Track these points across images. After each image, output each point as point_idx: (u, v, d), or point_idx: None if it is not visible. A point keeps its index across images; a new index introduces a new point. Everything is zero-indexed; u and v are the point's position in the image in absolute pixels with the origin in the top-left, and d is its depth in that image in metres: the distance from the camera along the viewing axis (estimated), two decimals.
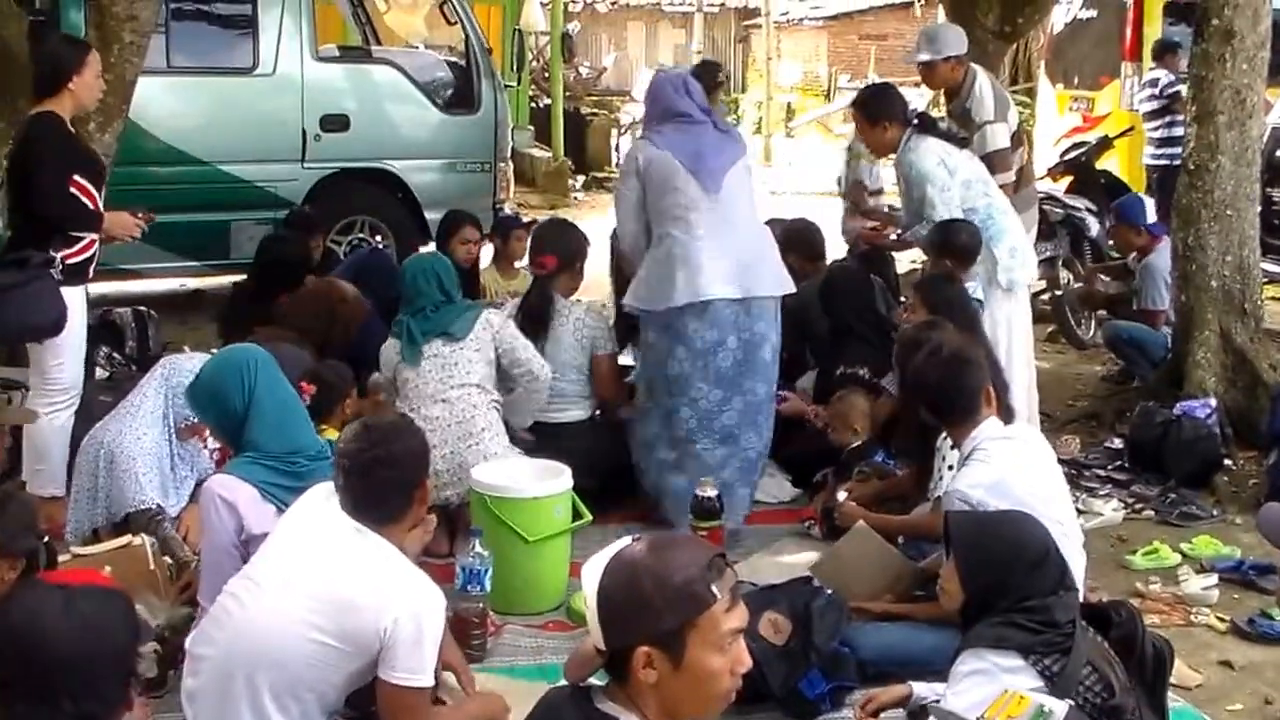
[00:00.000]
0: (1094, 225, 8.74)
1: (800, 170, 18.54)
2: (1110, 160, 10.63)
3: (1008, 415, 4.13)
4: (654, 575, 2.09)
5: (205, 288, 9.25)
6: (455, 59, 10.01)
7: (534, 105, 17.57)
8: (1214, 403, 5.96)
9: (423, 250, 8.41)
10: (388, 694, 2.94)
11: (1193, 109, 6.30)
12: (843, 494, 4.80)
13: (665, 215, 4.94)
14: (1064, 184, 9.58)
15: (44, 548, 3.32)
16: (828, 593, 3.91)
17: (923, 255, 6.26)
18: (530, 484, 4.46)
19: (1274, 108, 8.75)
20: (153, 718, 3.29)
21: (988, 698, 3.02)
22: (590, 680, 2.22)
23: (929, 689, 3.38)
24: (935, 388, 3.95)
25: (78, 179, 4.82)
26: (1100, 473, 5.87)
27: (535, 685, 3.25)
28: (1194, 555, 5.01)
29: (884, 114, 5.64)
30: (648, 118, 5.24)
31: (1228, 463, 5.80)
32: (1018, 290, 5.55)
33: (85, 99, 4.95)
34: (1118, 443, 6.15)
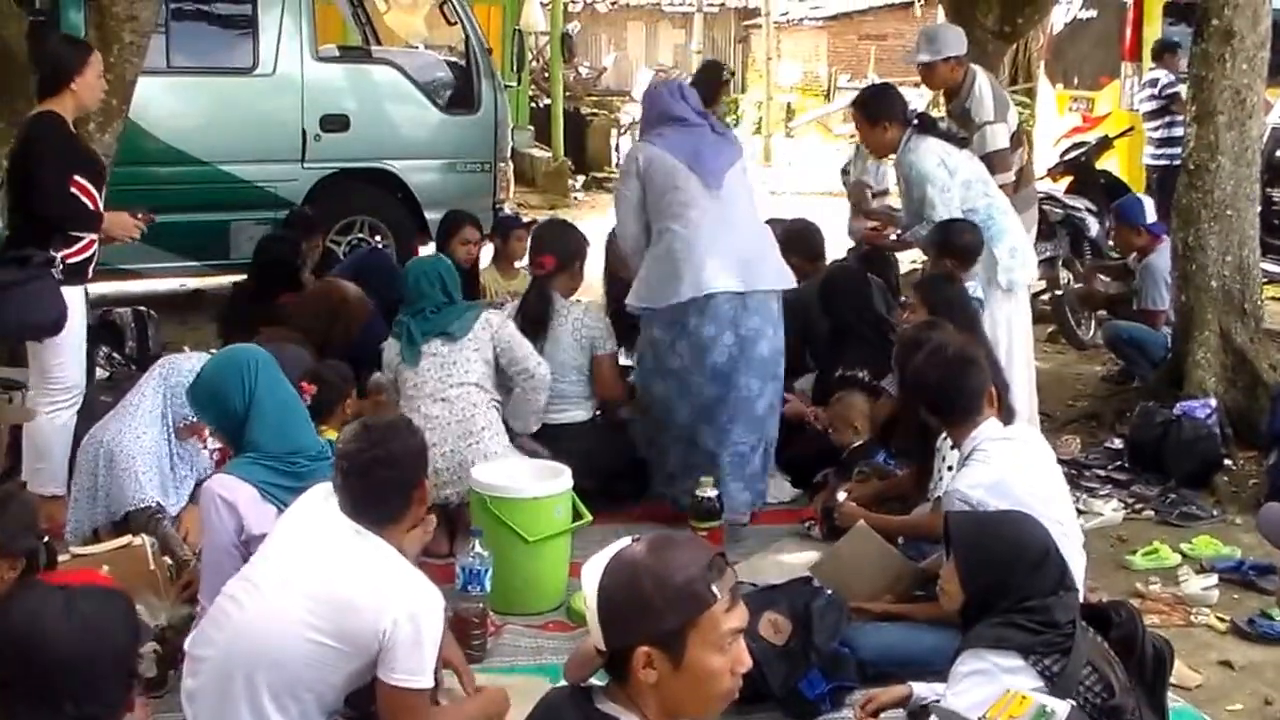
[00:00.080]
0: (1094, 225, 8.74)
1: (800, 170, 18.55)
2: (1110, 160, 10.62)
3: (1008, 415, 4.13)
4: (654, 575, 2.09)
5: (205, 288, 9.25)
6: (455, 59, 10.01)
7: (534, 105, 17.57)
8: (1214, 403, 5.95)
9: (422, 250, 8.44)
10: (387, 695, 2.94)
11: (1193, 109, 6.30)
12: (843, 494, 4.80)
13: (666, 212, 4.96)
14: (1064, 184, 9.57)
15: (44, 548, 3.32)
16: (828, 593, 3.91)
17: (923, 255, 6.26)
18: (530, 484, 4.46)
19: (1274, 108, 8.75)
20: (153, 718, 3.30)
21: (988, 698, 3.02)
22: (590, 680, 2.22)
23: (929, 689, 3.38)
24: (938, 387, 3.95)
25: (78, 179, 4.82)
26: (1100, 473, 5.87)
27: (535, 686, 3.25)
28: (1194, 555, 5.01)
29: (884, 114, 5.64)
30: (645, 123, 5.29)
31: (1228, 463, 5.80)
32: (1018, 290, 5.55)
33: (87, 99, 4.96)
34: (1118, 443, 6.15)
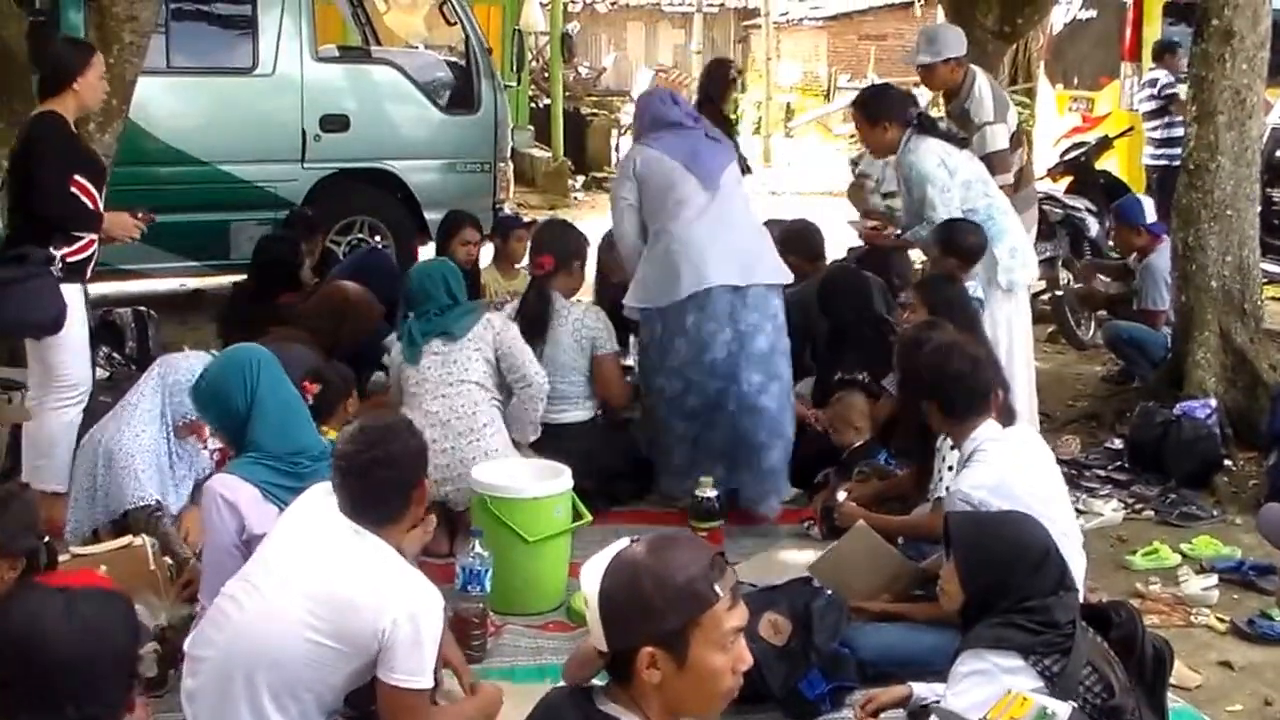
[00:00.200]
0: (1094, 225, 8.74)
1: (800, 170, 18.55)
2: (1110, 160, 10.63)
3: (1008, 415, 4.12)
4: (655, 575, 2.10)
5: (205, 288, 9.24)
6: (455, 59, 10.01)
7: (534, 105, 17.57)
8: (1214, 403, 5.95)
9: (422, 250, 8.44)
10: (387, 695, 2.94)
11: (1193, 109, 6.29)
12: (843, 494, 4.81)
13: (663, 212, 4.99)
14: (1064, 184, 9.58)
15: (44, 548, 3.31)
16: (828, 593, 3.91)
17: (923, 255, 6.26)
18: (530, 484, 4.46)
19: (1274, 108, 8.75)
20: (153, 718, 3.30)
21: (988, 698, 3.02)
22: (591, 681, 2.22)
23: (929, 689, 3.38)
24: (952, 382, 3.92)
25: (78, 179, 4.82)
26: (1100, 473, 5.87)
27: (535, 686, 3.25)
28: (1194, 556, 5.01)
29: (884, 114, 5.64)
30: (640, 129, 5.34)
31: (1228, 463, 5.79)
32: (1018, 290, 5.55)
33: (89, 100, 4.96)
34: (1118, 443, 6.14)
